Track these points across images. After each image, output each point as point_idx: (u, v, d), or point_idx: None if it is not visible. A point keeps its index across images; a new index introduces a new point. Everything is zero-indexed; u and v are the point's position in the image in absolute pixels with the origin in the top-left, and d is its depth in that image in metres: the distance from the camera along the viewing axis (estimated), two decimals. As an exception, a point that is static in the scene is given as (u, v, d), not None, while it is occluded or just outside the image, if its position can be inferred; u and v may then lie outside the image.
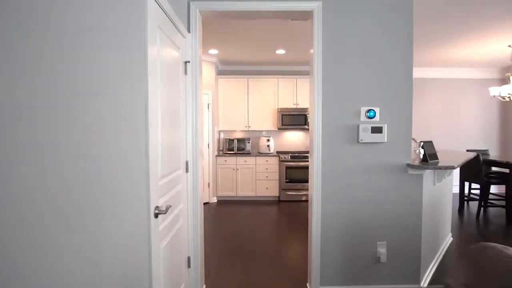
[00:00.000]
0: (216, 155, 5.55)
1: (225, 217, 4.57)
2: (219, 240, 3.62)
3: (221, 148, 5.96)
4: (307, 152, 5.69)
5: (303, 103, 5.82)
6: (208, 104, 5.36)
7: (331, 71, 2.30)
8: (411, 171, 2.30)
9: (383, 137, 2.27)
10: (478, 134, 6.39)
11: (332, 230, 2.35)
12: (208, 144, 5.38)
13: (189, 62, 2.16)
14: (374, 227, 2.34)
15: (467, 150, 5.44)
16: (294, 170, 5.53)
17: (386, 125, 2.28)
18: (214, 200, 5.52)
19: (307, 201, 5.50)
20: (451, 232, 3.69)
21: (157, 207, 1.49)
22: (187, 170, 2.18)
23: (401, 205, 2.33)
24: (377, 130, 2.27)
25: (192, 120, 2.23)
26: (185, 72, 2.14)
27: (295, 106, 5.81)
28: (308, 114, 5.70)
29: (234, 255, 3.18)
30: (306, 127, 5.72)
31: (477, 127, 6.39)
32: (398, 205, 2.33)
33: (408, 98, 2.30)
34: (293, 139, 6.20)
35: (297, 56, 5.27)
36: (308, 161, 5.46)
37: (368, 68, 2.29)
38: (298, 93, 5.82)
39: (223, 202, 5.47)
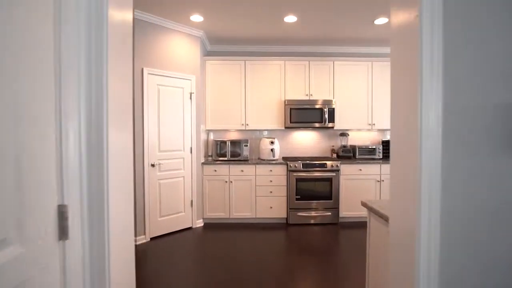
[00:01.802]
0: (203, 163, 4.12)
1: (212, 249, 3.15)
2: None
3: (209, 154, 4.53)
4: (325, 159, 4.26)
5: (318, 94, 4.41)
6: (191, 93, 3.93)
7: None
8: None
9: None
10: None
11: None
12: (191, 148, 3.95)
13: None
14: None
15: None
16: (308, 183, 4.11)
17: None
18: (199, 223, 4.08)
19: (323, 224, 4.08)
20: None
21: None
22: (63, 235, 0.74)
23: None
24: None
25: (88, 80, 0.80)
26: None
27: (307, 98, 4.40)
28: (325, 108, 4.29)
29: None
30: (318, 125, 4.31)
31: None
32: None
33: None
34: (305, 141, 4.78)
35: (314, 27, 3.86)
36: (326, 170, 4.05)
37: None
38: (312, 80, 4.41)
39: (211, 227, 4.04)
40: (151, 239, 3.55)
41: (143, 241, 3.47)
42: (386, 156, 4.60)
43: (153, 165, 3.51)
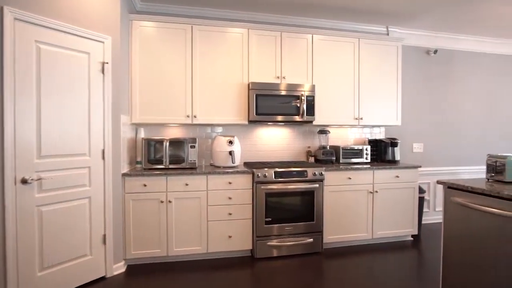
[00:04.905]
0: (124, 174, 2.67)
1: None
2: None
3: (137, 159, 3.08)
4: (302, 164, 3.11)
5: (293, 77, 3.27)
6: (104, 64, 2.47)
7: None
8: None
9: None
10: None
11: None
12: (103, 152, 2.48)
13: None
14: None
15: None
16: (282, 199, 2.93)
17: None
18: (119, 269, 2.62)
19: (303, 255, 2.92)
20: None
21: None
22: None
23: None
24: None
25: None
26: None
27: (278, 81, 3.23)
28: (303, 96, 3.16)
29: None
30: (298, 118, 3.17)
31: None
32: None
33: None
34: (274, 140, 3.60)
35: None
36: (307, 180, 2.94)
37: None
38: (285, 59, 3.25)
39: (139, 272, 2.61)
40: (23, 311, 2.02)
41: (2, 320, 1.92)
42: (374, 159, 3.65)
43: (25, 182, 1.99)
